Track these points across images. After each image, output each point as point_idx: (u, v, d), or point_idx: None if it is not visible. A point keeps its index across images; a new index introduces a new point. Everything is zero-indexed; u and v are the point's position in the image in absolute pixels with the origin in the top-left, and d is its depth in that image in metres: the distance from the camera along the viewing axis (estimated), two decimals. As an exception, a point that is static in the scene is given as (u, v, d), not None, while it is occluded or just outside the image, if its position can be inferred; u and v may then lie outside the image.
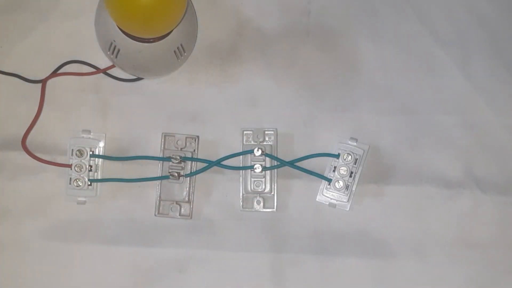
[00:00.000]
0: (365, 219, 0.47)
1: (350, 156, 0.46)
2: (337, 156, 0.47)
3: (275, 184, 0.47)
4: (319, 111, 0.48)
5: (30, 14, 0.49)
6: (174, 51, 0.46)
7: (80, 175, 0.46)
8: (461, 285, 0.46)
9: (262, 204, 0.47)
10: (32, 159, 0.46)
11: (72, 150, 0.46)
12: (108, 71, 0.48)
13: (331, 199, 0.47)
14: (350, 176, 0.46)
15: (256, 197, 0.47)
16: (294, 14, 0.50)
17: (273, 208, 0.47)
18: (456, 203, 0.47)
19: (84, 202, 0.47)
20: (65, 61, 0.48)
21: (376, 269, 0.47)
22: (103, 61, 0.48)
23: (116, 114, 0.48)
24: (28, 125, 0.47)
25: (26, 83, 0.48)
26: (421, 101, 0.49)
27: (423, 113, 0.48)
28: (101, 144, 0.47)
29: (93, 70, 0.48)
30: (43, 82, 0.48)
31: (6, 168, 0.47)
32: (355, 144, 0.47)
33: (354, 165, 0.46)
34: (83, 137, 0.47)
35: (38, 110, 0.47)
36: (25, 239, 0.47)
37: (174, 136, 0.47)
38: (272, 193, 0.47)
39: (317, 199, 0.47)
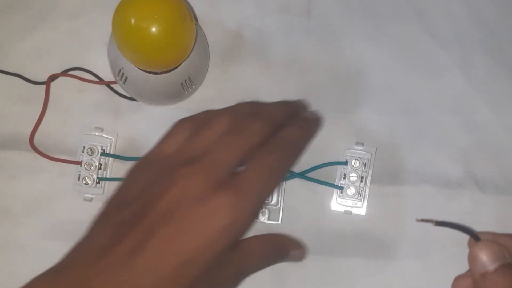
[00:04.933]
0: (365, 219, 0.47)
1: (358, 162, 0.46)
2: (345, 163, 0.47)
3: (282, 197, 0.47)
4: (320, 111, 0.48)
5: (31, 14, 0.49)
6: (182, 84, 0.46)
7: (89, 173, 0.47)
8: (461, 285, 0.46)
9: (267, 215, 0.47)
10: (32, 159, 0.47)
11: (84, 147, 0.47)
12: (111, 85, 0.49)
13: (346, 206, 0.47)
14: (361, 181, 0.46)
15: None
16: (294, 14, 0.50)
17: (278, 221, 0.47)
18: (455, 203, 0.47)
19: (90, 199, 0.47)
20: (65, 61, 0.49)
21: (376, 269, 0.47)
22: (105, 63, 0.48)
23: (123, 113, 0.49)
24: (30, 124, 0.47)
25: (26, 83, 0.48)
26: (421, 101, 0.49)
27: (423, 113, 0.48)
28: (113, 142, 0.48)
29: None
30: (47, 81, 0.48)
31: (6, 167, 0.48)
32: (361, 148, 0.47)
33: (363, 170, 0.46)
34: (95, 134, 0.47)
35: (42, 109, 0.48)
36: (24, 239, 0.47)
37: None
38: (279, 205, 0.47)
39: (332, 208, 0.47)
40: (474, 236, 0.41)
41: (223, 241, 0.35)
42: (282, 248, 0.44)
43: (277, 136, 0.40)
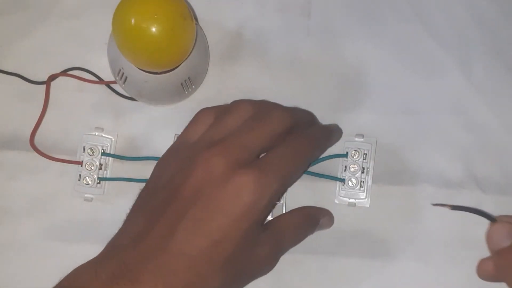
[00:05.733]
0: (365, 219, 0.47)
1: (357, 153, 0.46)
2: (345, 155, 0.47)
3: (285, 193, 0.47)
4: (319, 112, 0.48)
5: (30, 14, 0.49)
6: (182, 84, 0.46)
7: (90, 173, 0.47)
8: (461, 285, 0.46)
9: (271, 212, 0.47)
10: (32, 159, 0.47)
11: (84, 147, 0.47)
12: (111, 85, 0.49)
13: (350, 198, 0.47)
14: (363, 172, 0.46)
15: None
16: (294, 14, 0.50)
17: None
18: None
19: (91, 199, 0.47)
20: (65, 61, 0.49)
21: (376, 269, 0.47)
22: (105, 63, 0.48)
23: (123, 113, 0.49)
24: (30, 123, 0.47)
25: (26, 83, 0.48)
26: (421, 101, 0.49)
27: (423, 113, 0.48)
28: (113, 142, 0.48)
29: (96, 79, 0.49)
30: (47, 81, 0.48)
31: (6, 167, 0.48)
32: (362, 140, 0.47)
33: (364, 161, 0.46)
34: (95, 134, 0.47)
35: (43, 109, 0.48)
36: (25, 239, 0.47)
37: None
38: (281, 202, 0.47)
39: (335, 201, 0.47)
40: (491, 218, 0.42)
41: (250, 217, 0.37)
42: (313, 219, 0.45)
43: (302, 131, 0.42)
